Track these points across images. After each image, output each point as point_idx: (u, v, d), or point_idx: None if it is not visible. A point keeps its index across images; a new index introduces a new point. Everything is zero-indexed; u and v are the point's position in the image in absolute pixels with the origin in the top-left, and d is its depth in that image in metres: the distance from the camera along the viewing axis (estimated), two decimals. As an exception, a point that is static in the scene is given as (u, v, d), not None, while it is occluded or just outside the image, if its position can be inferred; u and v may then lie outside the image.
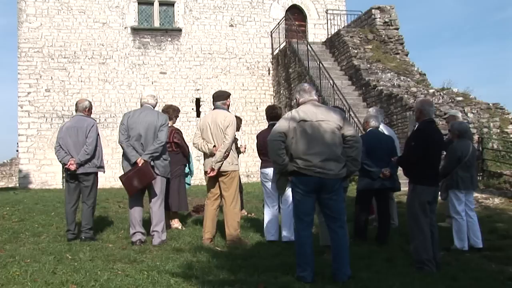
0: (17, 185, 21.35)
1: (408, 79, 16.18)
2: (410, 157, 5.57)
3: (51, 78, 19.54)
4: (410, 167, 5.57)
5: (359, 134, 6.31)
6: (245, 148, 8.90)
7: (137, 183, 6.64)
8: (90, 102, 7.66)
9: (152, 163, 6.69)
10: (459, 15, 73.10)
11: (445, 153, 6.47)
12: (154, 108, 7.05)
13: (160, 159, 6.78)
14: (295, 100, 5.35)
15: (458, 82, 48.55)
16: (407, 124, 13.53)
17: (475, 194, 10.63)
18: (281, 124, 5.04)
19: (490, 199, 10.76)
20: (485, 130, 13.50)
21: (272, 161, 5.16)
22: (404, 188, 6.87)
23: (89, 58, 19.95)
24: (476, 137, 13.19)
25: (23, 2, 19.64)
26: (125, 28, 20.46)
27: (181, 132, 8.37)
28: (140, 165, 6.60)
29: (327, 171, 4.81)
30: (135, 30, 20.53)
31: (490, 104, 14.55)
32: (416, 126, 5.80)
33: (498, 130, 13.72)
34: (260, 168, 7.28)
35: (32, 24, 19.58)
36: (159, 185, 6.81)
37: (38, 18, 19.67)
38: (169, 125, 8.01)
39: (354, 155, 4.94)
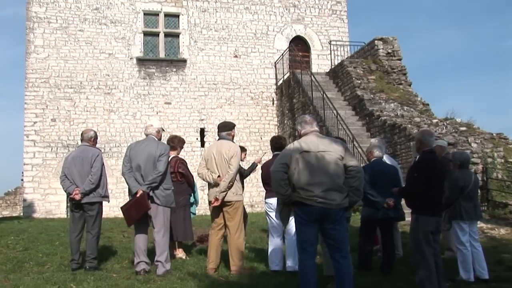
0: (21, 214, 21.35)
1: (412, 109, 16.25)
2: (412, 188, 5.59)
3: (57, 108, 19.71)
4: (413, 197, 5.59)
5: (363, 164, 6.34)
6: (260, 159, 8.52)
7: (134, 214, 6.69)
8: (95, 132, 7.73)
9: (151, 193, 6.71)
10: (461, 45, 73.67)
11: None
12: (158, 137, 7.10)
13: (159, 188, 6.77)
14: (297, 132, 5.41)
15: (461, 112, 48.79)
16: (411, 154, 13.55)
17: (481, 224, 10.60)
18: (284, 155, 5.11)
19: (496, 229, 10.71)
20: (489, 160, 13.49)
21: (274, 191, 5.20)
22: (408, 218, 6.87)
23: (95, 88, 20.15)
24: (480, 166, 13.19)
25: (31, 33, 19.94)
26: (130, 58, 20.70)
27: (186, 162, 8.42)
28: (138, 195, 6.65)
29: (329, 201, 4.84)
30: (141, 61, 20.76)
31: (494, 134, 14.58)
32: (417, 157, 5.83)
33: (503, 160, 13.70)
34: (265, 198, 7.30)
35: (40, 55, 19.84)
36: (161, 215, 6.81)
37: (46, 49, 19.94)
38: (174, 155, 8.09)
39: (356, 185, 4.99)
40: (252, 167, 7.91)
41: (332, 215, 4.88)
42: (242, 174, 7.44)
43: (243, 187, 7.30)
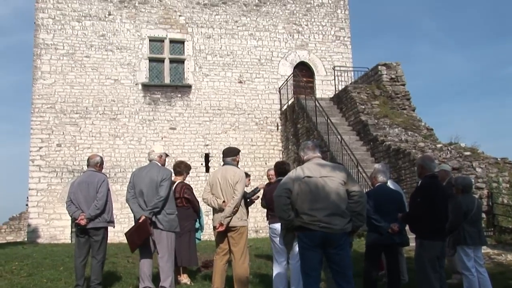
0: (26, 239, 21.32)
1: (416, 134, 16.28)
2: (415, 213, 5.61)
3: (63, 133, 19.83)
4: (416, 222, 5.60)
5: (367, 189, 6.36)
6: (264, 185, 8.50)
7: (136, 239, 6.72)
8: (101, 158, 7.79)
9: (154, 218, 6.73)
10: (465, 70, 73.94)
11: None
12: (161, 162, 7.14)
13: (162, 213, 6.80)
14: (300, 158, 5.47)
15: (465, 137, 48.78)
16: (415, 179, 13.54)
17: (487, 250, 10.55)
18: (287, 180, 5.18)
19: (503, 255, 10.62)
20: (495, 184, 13.47)
21: (277, 216, 5.25)
22: (413, 243, 6.85)
23: (100, 114, 20.28)
24: (485, 191, 13.17)
25: (38, 60, 20.16)
26: (136, 84, 20.87)
27: (191, 188, 8.45)
28: (140, 221, 6.67)
29: (332, 226, 4.87)
30: (146, 87, 20.93)
31: (498, 159, 14.58)
32: (420, 182, 5.86)
33: (508, 185, 13.68)
34: (269, 224, 7.31)
35: (46, 81, 20.03)
36: (164, 240, 6.82)
37: (52, 75, 20.14)
38: (180, 180, 8.13)
39: (359, 210, 5.02)
40: (254, 192, 7.93)
41: (335, 240, 4.91)
42: (246, 199, 7.46)
43: (247, 212, 7.31)
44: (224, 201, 6.77)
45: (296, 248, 6.29)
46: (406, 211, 6.62)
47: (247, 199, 7.50)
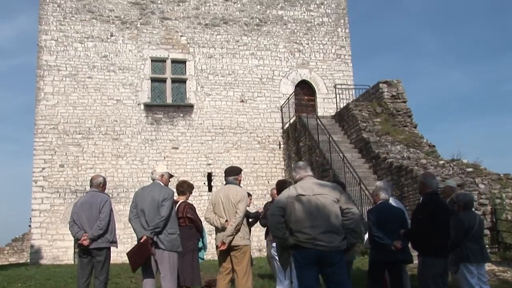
0: (29, 260, 21.27)
1: (418, 151, 16.29)
2: (417, 230, 5.61)
3: (66, 153, 19.88)
4: (418, 239, 5.60)
5: (370, 207, 6.37)
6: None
7: (138, 259, 6.73)
8: (104, 178, 7.83)
9: (155, 238, 6.73)
10: (466, 87, 74.12)
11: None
12: (163, 181, 7.16)
13: (163, 233, 6.80)
14: (293, 178, 5.54)
15: (467, 153, 48.76)
16: (418, 196, 13.51)
17: (492, 267, 10.49)
18: (280, 199, 5.26)
19: (508, 272, 10.57)
20: (498, 201, 13.43)
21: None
22: (417, 260, 6.83)
23: (103, 134, 20.35)
24: (489, 208, 13.12)
25: (41, 81, 20.30)
26: (138, 104, 20.96)
27: (194, 207, 8.45)
28: (141, 241, 6.68)
29: (326, 244, 4.89)
30: (148, 107, 21.02)
31: (501, 175, 14.54)
32: (421, 199, 5.87)
33: (511, 201, 13.64)
34: (272, 242, 7.31)
35: (49, 102, 20.14)
36: (166, 260, 6.81)
37: (55, 96, 20.25)
38: (183, 200, 8.14)
39: (353, 227, 5.06)
40: (255, 215, 7.91)
41: (331, 258, 4.93)
42: (249, 218, 7.46)
43: (250, 231, 7.31)
44: (226, 220, 6.79)
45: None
46: (409, 228, 6.62)
47: (250, 218, 7.51)
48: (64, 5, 21.07)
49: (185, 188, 8.32)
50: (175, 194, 7.60)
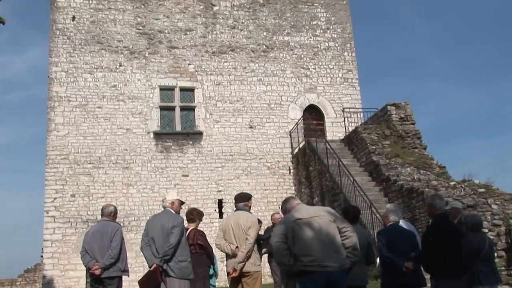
0: (41, 292, 21.23)
1: (428, 173, 16.22)
2: (428, 252, 5.58)
3: (77, 183, 19.97)
4: (430, 261, 5.57)
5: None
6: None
7: (147, 287, 6.71)
8: (115, 207, 7.89)
9: (165, 266, 6.73)
10: (476, 106, 73.92)
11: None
12: (174, 208, 7.19)
13: (173, 261, 6.79)
14: (284, 211, 5.67)
15: (479, 174, 48.42)
16: (430, 218, 13.41)
17: (506, 289, 10.34)
18: (280, 226, 5.35)
19: (523, 293, 10.44)
20: None
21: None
22: (429, 284, 6.77)
23: (113, 163, 20.45)
24: (503, 228, 12.98)
25: (52, 112, 20.51)
26: (148, 133, 21.10)
27: (205, 234, 8.45)
28: (151, 269, 6.69)
29: (333, 264, 4.95)
30: (158, 135, 21.14)
31: (514, 195, 14.40)
32: (430, 221, 5.85)
33: (525, 221, 13.48)
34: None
35: (60, 133, 20.32)
36: (176, 287, 6.80)
37: (66, 127, 20.43)
38: (193, 227, 8.16)
39: (353, 245, 5.14)
40: (267, 237, 7.90)
41: (337, 278, 4.97)
42: (261, 242, 7.45)
43: (261, 257, 7.30)
44: (237, 247, 6.78)
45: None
46: (420, 250, 6.57)
47: (262, 240, 7.50)
48: (73, 37, 21.40)
49: (194, 215, 8.34)
50: (185, 221, 7.62)
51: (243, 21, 23.23)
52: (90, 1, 21.94)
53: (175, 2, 22.72)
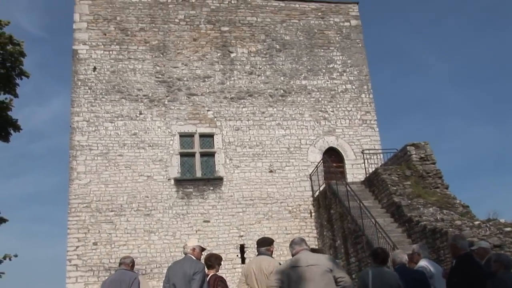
0: None
1: (451, 212, 16.00)
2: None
3: (99, 231, 20.06)
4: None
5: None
6: None
7: None
8: (133, 259, 8.08)
9: None
10: (498, 143, 73.12)
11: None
12: (195, 254, 7.21)
13: None
14: (291, 252, 6.10)
15: (504, 212, 47.48)
16: (455, 259, 13.17)
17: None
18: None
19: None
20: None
21: None
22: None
23: (134, 210, 20.55)
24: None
25: (74, 161, 20.80)
26: (168, 179, 21.23)
27: (225, 280, 8.39)
28: None
29: None
30: (178, 181, 21.25)
31: (542, 234, 14.11)
32: (454, 261, 5.79)
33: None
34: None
35: (82, 181, 20.55)
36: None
37: (88, 175, 20.67)
38: (213, 273, 8.13)
39: None
40: None
41: None
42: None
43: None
44: (259, 292, 6.74)
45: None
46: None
47: None
48: (94, 87, 21.88)
49: (212, 261, 8.32)
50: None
51: (260, 66, 23.58)
52: (111, 52, 22.51)
53: (193, 50, 23.20)
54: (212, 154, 22.09)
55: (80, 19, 22.72)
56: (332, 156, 22.75)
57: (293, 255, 5.92)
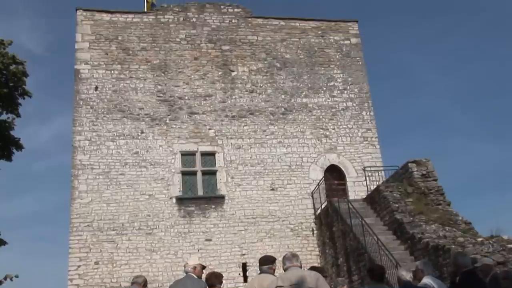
0: None
1: (454, 229, 15.95)
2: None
3: (100, 250, 20.00)
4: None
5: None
6: None
7: None
8: (145, 278, 8.19)
9: None
10: (500, 159, 73.05)
11: None
12: (196, 273, 7.21)
13: None
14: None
15: (508, 229, 47.22)
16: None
17: None
18: None
19: None
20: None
21: None
22: None
23: (136, 229, 20.50)
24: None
25: (76, 180, 20.81)
26: (170, 198, 21.22)
27: (228, 298, 8.40)
28: None
29: None
30: (180, 200, 21.24)
31: (545, 250, 14.04)
32: (457, 278, 5.79)
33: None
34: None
35: (84, 200, 20.54)
36: None
37: (89, 194, 20.67)
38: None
39: None
40: None
41: None
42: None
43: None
44: (261, 310, 6.71)
45: None
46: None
47: None
48: (96, 106, 21.98)
49: (213, 280, 8.30)
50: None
51: (261, 85, 23.70)
52: (112, 72, 22.65)
53: (194, 69, 23.34)
54: (213, 173, 22.10)
55: (82, 39, 22.91)
56: (334, 174, 22.76)
57: (284, 270, 6.00)
